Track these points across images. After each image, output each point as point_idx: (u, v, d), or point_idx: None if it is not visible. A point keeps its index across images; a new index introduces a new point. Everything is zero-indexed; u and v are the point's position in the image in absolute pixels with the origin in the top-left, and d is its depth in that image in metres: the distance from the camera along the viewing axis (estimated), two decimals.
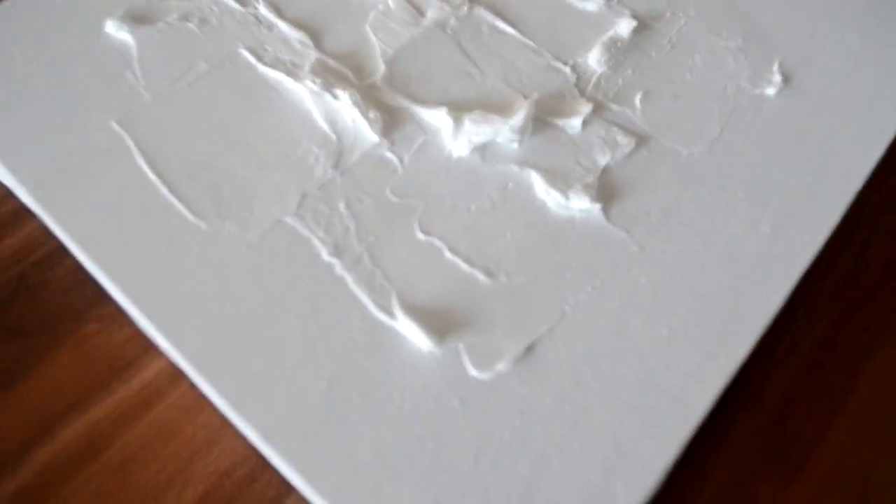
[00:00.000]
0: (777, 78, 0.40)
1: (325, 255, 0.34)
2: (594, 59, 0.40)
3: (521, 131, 0.36)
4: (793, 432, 0.34)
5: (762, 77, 0.40)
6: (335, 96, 0.37)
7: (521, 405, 0.30)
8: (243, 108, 0.38)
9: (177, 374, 0.33)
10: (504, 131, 0.36)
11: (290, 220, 0.35)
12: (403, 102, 0.38)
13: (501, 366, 0.31)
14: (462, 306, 0.33)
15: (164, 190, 0.36)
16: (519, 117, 0.36)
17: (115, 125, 0.38)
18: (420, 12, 0.42)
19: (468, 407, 0.30)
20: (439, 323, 0.32)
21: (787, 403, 0.35)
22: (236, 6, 0.42)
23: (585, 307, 0.33)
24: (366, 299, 0.33)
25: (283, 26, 0.41)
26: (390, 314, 0.32)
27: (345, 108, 0.38)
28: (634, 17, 0.41)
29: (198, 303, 0.32)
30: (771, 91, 0.40)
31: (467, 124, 0.36)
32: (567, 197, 0.35)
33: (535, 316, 0.33)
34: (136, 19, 0.41)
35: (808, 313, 0.37)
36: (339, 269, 0.34)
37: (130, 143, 0.37)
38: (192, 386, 0.33)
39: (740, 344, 0.32)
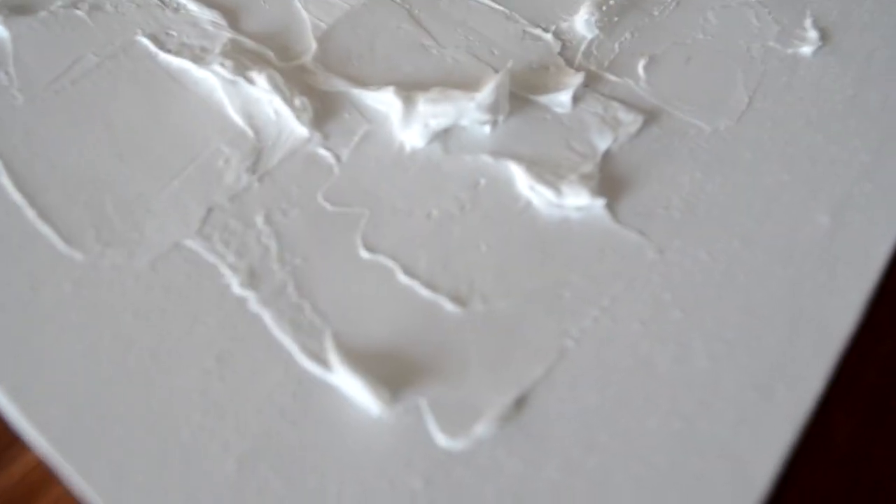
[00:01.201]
0: (813, 34, 0.31)
1: (237, 287, 0.24)
2: (582, 22, 0.31)
3: (493, 110, 0.27)
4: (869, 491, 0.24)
5: (793, 35, 0.31)
6: (250, 81, 0.28)
7: (512, 483, 0.20)
8: (138, 105, 0.29)
9: (46, 474, 0.24)
10: (470, 111, 0.27)
11: (191, 242, 0.25)
12: (340, 85, 0.29)
13: (481, 428, 0.21)
14: (423, 348, 0.23)
15: (30, 213, 0.27)
16: (488, 90, 0.26)
17: None
18: None
19: (436, 490, 0.20)
20: (392, 373, 0.22)
21: (859, 455, 0.25)
22: None
23: (593, 339, 0.23)
24: (291, 344, 0.23)
25: (191, 7, 0.32)
26: (324, 363, 0.22)
27: (264, 97, 0.29)
28: None
29: (68, 364, 0.23)
30: (807, 50, 0.30)
31: (422, 106, 0.27)
32: (559, 192, 0.26)
33: (526, 355, 0.23)
34: (13, 9, 0.32)
35: (873, 330, 0.28)
36: (254, 303, 0.24)
37: None
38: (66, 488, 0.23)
39: (808, 377, 0.23)
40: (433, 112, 0.27)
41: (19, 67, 0.31)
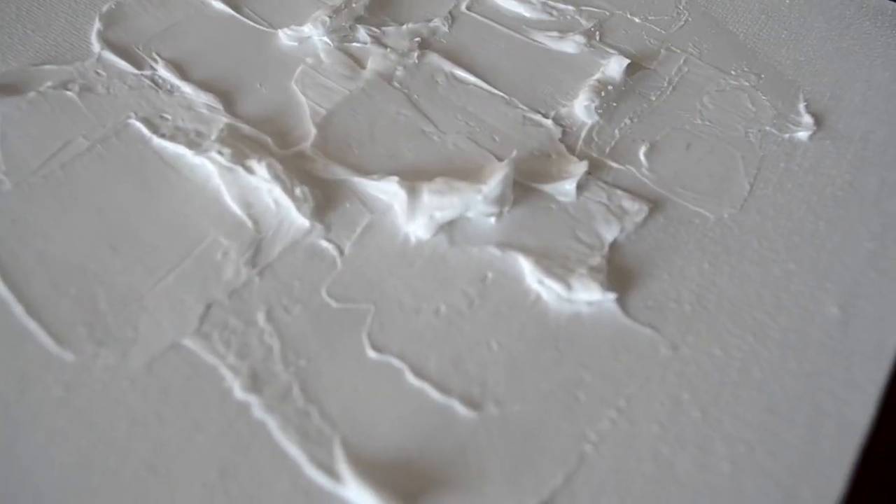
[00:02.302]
0: (807, 119, 0.32)
1: (239, 391, 0.23)
2: (581, 108, 0.31)
3: (500, 202, 0.27)
4: None
5: (788, 119, 0.32)
6: (249, 170, 0.28)
7: None
8: (131, 192, 0.28)
9: None
10: (476, 203, 0.27)
11: (190, 342, 0.24)
12: (340, 173, 0.28)
13: None
14: (437, 455, 0.22)
15: (17, 308, 0.25)
16: (494, 183, 0.26)
17: None
18: (360, 64, 0.33)
19: None
20: (406, 483, 0.21)
21: None
22: (129, 68, 0.32)
23: (612, 441, 0.23)
24: (297, 453, 0.22)
25: (187, 89, 0.31)
26: (333, 474, 0.22)
27: (263, 185, 0.28)
28: (620, 54, 0.33)
29: (58, 475, 0.21)
30: (803, 135, 0.31)
31: (427, 197, 0.27)
32: (569, 286, 0.26)
33: (544, 462, 0.22)
34: (2, 89, 0.31)
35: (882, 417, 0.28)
36: (258, 409, 0.23)
37: None
38: None
39: (831, 476, 0.23)
40: (439, 204, 0.26)
41: (6, 150, 0.30)
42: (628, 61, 0.32)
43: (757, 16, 0.36)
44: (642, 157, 0.30)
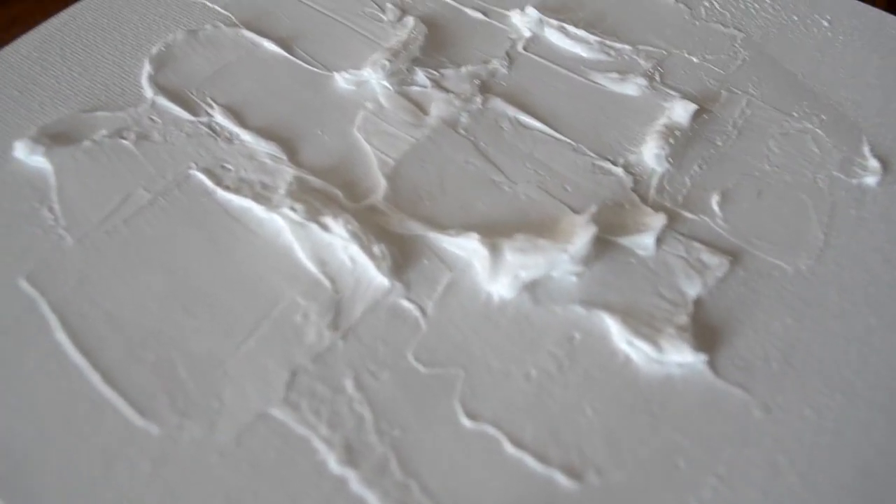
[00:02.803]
0: (873, 163, 0.32)
1: (334, 464, 0.23)
2: (651, 155, 0.31)
3: (585, 261, 0.27)
4: None
5: (854, 163, 0.32)
6: (325, 227, 0.28)
7: None
8: (200, 249, 0.28)
9: None
10: (562, 263, 0.27)
11: (278, 412, 0.24)
12: (416, 228, 0.29)
13: None
14: None
15: (94, 377, 0.25)
16: (581, 243, 0.27)
17: (24, 284, 0.27)
18: (422, 109, 0.33)
19: None
20: None
21: None
22: (185, 115, 0.32)
23: None
24: None
25: (246, 137, 0.31)
26: None
27: (338, 242, 0.28)
28: (684, 97, 0.34)
29: None
30: (871, 180, 0.32)
31: (510, 255, 0.27)
32: (660, 348, 0.26)
33: None
34: (54, 138, 0.31)
35: None
36: (356, 483, 0.23)
37: (45, 309, 0.26)
38: None
39: None
40: (523, 263, 0.26)
41: (65, 204, 0.29)
42: (695, 106, 0.32)
43: (812, 54, 0.36)
44: (715, 207, 0.30)
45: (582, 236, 0.27)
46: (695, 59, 0.35)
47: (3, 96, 0.33)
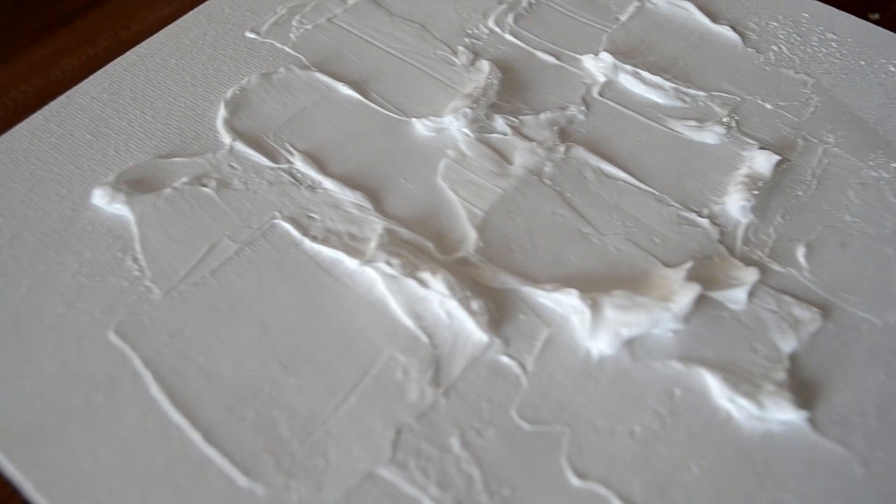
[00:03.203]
0: None
1: None
2: (736, 206, 0.32)
3: (686, 318, 0.28)
4: None
5: None
6: (423, 282, 0.29)
7: None
8: (292, 302, 0.29)
9: None
10: (665, 321, 0.28)
11: (386, 472, 0.25)
12: (510, 282, 0.29)
13: None
14: None
15: (195, 436, 0.26)
16: (685, 301, 0.27)
17: (113, 337, 0.28)
18: (504, 157, 0.34)
19: None
20: None
21: None
22: (265, 162, 0.33)
23: None
24: None
25: (329, 185, 0.32)
26: None
27: (434, 297, 0.29)
28: (765, 147, 0.35)
29: None
30: None
31: (610, 312, 0.28)
32: (760, 405, 0.27)
33: None
34: (133, 185, 0.32)
35: None
36: None
37: (138, 364, 0.27)
38: None
39: None
40: (624, 320, 0.27)
41: (149, 253, 0.30)
42: (778, 157, 0.33)
43: (882, 100, 0.37)
44: (801, 259, 0.31)
45: (685, 295, 0.28)
46: (768, 106, 0.37)
47: (77, 140, 0.34)
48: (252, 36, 0.38)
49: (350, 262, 0.29)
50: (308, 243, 0.30)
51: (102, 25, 0.45)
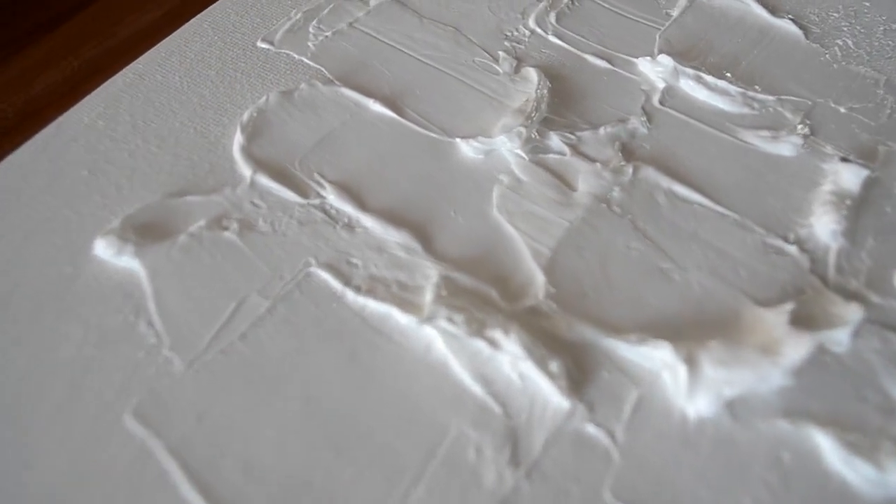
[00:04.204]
0: None
1: None
2: (825, 229, 0.27)
3: (797, 374, 0.24)
4: None
5: None
6: (494, 343, 0.24)
7: None
8: (338, 369, 0.23)
9: None
10: (773, 377, 0.23)
11: None
12: (589, 334, 0.24)
13: None
14: None
15: None
16: (797, 356, 0.23)
17: (131, 422, 0.22)
18: (565, 182, 0.28)
19: None
20: None
21: None
22: (293, 197, 0.27)
23: None
24: None
25: (369, 223, 0.27)
26: None
27: (504, 357, 0.24)
28: (847, 159, 0.30)
29: None
30: None
31: (709, 369, 0.23)
32: (880, 466, 0.22)
33: None
34: (143, 232, 0.26)
35: None
36: None
37: (162, 453, 0.21)
38: None
39: None
40: (726, 378, 0.23)
41: (165, 316, 0.24)
42: (867, 172, 0.28)
43: None
44: None
45: (796, 348, 0.23)
46: (842, 109, 0.31)
47: (71, 178, 0.28)
48: (265, 46, 0.32)
49: (402, 318, 0.24)
50: (351, 295, 0.25)
51: (86, 32, 0.39)
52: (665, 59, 0.31)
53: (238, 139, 0.28)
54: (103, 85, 0.30)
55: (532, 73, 0.31)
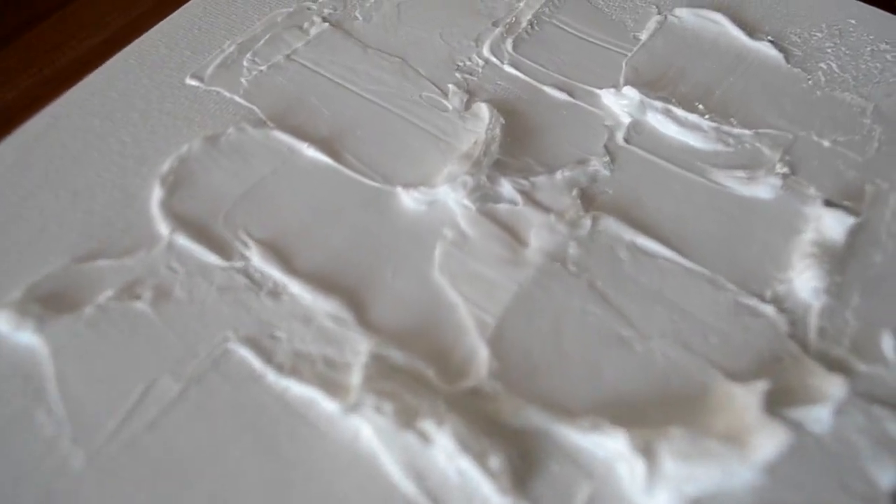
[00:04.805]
0: None
1: None
2: (807, 287, 0.24)
3: (770, 467, 0.20)
4: None
5: None
6: (426, 437, 0.20)
7: None
8: (256, 461, 0.20)
9: None
10: (740, 472, 0.20)
11: None
12: (536, 418, 0.21)
13: None
14: None
15: None
16: (769, 450, 0.19)
17: None
18: (516, 236, 0.25)
19: None
20: None
21: None
22: (212, 259, 0.23)
23: None
24: None
25: (297, 290, 0.23)
26: None
27: (441, 452, 0.21)
28: (832, 203, 0.27)
29: None
30: None
31: (670, 463, 0.19)
32: None
33: None
34: (47, 303, 0.22)
35: None
36: None
37: None
38: None
39: None
40: (688, 474, 0.19)
41: (70, 402, 0.21)
42: (853, 219, 0.25)
43: None
44: (891, 352, 0.23)
45: (768, 440, 0.19)
46: (826, 143, 0.28)
47: None
48: (194, 83, 0.28)
49: (328, 403, 0.21)
50: (273, 375, 0.21)
51: (24, 59, 0.36)
52: (630, 92, 0.28)
53: (157, 192, 0.25)
54: (16, 131, 0.26)
55: (483, 110, 0.27)
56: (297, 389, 0.21)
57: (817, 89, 0.30)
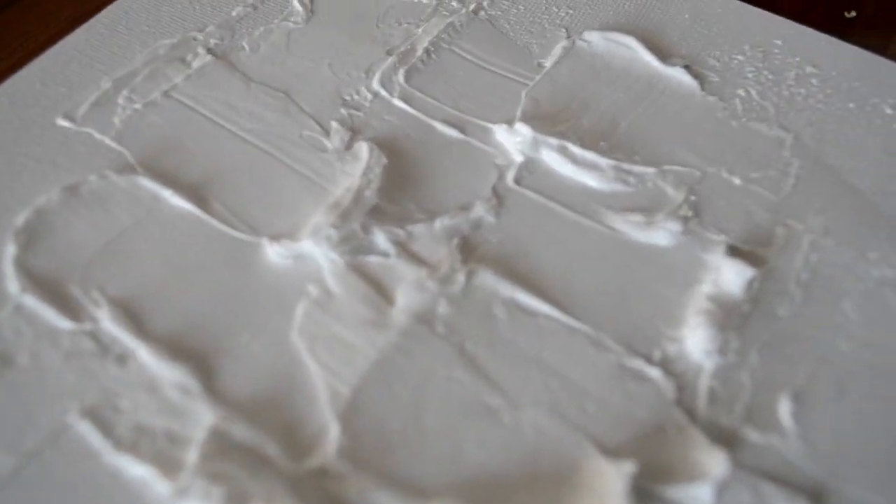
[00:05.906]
0: None
1: None
2: (698, 349, 0.21)
3: None
4: None
5: None
6: None
7: None
8: None
9: None
10: None
11: None
12: (386, 501, 0.19)
13: None
14: None
15: None
16: None
17: None
18: (385, 294, 0.22)
19: None
20: None
21: None
22: (61, 322, 0.21)
23: None
24: None
25: (145, 355, 0.21)
26: None
27: None
28: (735, 251, 0.24)
29: None
30: None
31: None
32: None
33: None
34: None
35: None
36: None
37: None
38: None
39: None
40: None
41: None
42: (752, 271, 0.22)
43: (879, 157, 0.26)
44: (787, 419, 0.21)
45: None
46: (737, 181, 0.25)
47: None
48: (65, 124, 0.26)
49: (162, 485, 0.19)
50: (108, 455, 0.19)
51: None
52: (523, 129, 0.25)
53: (9, 249, 0.23)
54: None
55: (363, 150, 0.25)
56: (133, 469, 0.19)
57: (733, 119, 0.27)
